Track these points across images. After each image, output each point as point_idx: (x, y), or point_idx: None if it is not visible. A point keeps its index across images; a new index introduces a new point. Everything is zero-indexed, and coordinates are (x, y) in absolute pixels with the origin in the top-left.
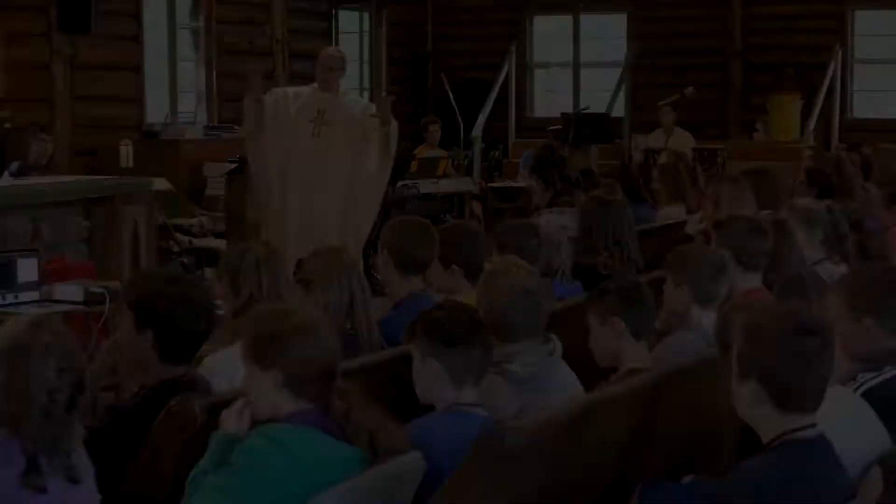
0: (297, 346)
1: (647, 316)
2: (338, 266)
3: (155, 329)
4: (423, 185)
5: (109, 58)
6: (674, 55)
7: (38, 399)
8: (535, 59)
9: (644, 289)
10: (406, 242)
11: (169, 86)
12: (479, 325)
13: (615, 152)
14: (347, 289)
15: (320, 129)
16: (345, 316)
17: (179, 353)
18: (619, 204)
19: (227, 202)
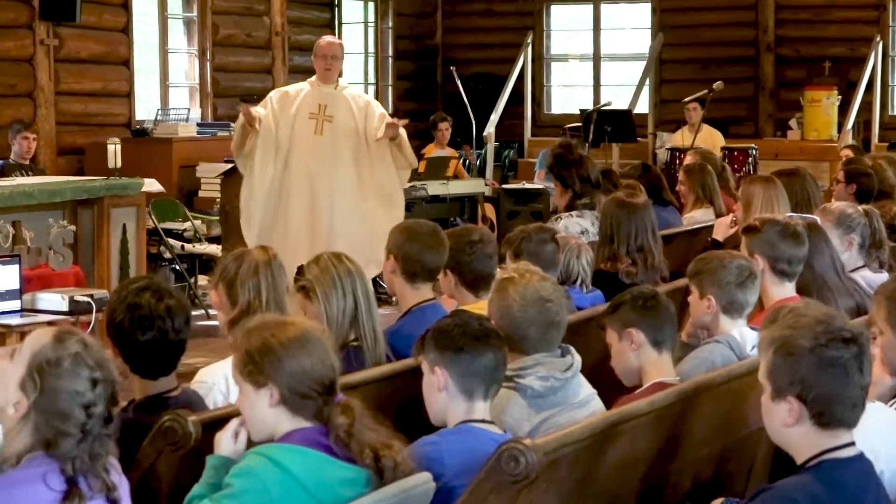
0: (293, 360)
1: (666, 325)
2: (340, 272)
3: (113, 340)
4: (431, 187)
5: (96, 50)
6: (701, 47)
7: (75, 416)
8: (553, 51)
9: (660, 297)
10: (413, 248)
11: (160, 80)
12: (491, 332)
13: (638, 151)
14: (351, 296)
15: (323, 126)
16: (348, 325)
17: (145, 368)
18: (642, 207)
19: (223, 204)
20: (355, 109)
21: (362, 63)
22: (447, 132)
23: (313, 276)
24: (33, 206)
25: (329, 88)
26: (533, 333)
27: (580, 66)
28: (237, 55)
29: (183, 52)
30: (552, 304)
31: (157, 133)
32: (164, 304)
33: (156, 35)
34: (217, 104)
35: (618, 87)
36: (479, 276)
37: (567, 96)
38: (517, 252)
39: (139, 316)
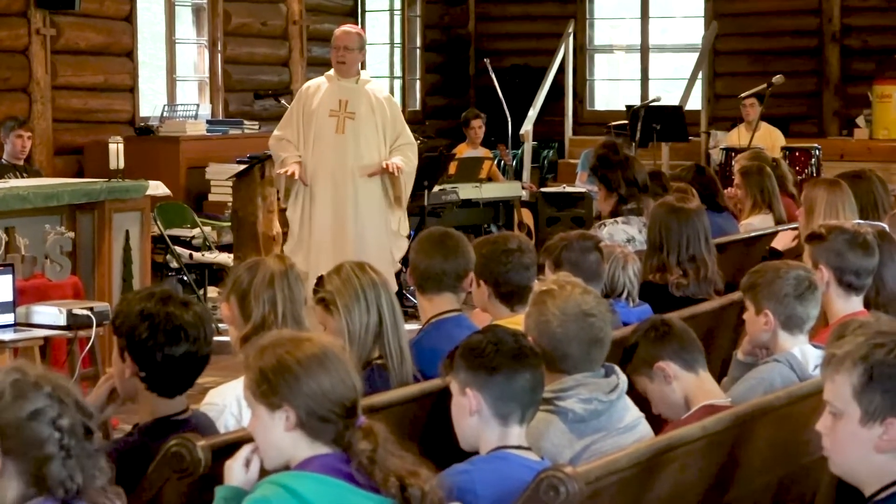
0: (311, 380)
1: (688, 344)
2: (364, 284)
3: (136, 357)
4: (463, 191)
5: (97, 40)
6: (760, 38)
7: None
8: (596, 41)
9: (670, 319)
10: (418, 257)
11: (166, 73)
12: (527, 350)
13: (690, 152)
14: (375, 310)
15: (344, 123)
16: (372, 342)
17: (168, 385)
18: (694, 212)
19: (235, 209)
20: (375, 104)
21: (387, 55)
22: (480, 130)
23: (334, 287)
24: (28, 210)
25: (349, 83)
26: (574, 351)
27: (626, 57)
28: (251, 46)
29: (192, 43)
30: (595, 320)
31: (163, 131)
32: (192, 311)
33: (162, 24)
34: (229, 99)
35: (667, 80)
36: (515, 289)
37: (612, 91)
38: (557, 262)
39: (172, 327)
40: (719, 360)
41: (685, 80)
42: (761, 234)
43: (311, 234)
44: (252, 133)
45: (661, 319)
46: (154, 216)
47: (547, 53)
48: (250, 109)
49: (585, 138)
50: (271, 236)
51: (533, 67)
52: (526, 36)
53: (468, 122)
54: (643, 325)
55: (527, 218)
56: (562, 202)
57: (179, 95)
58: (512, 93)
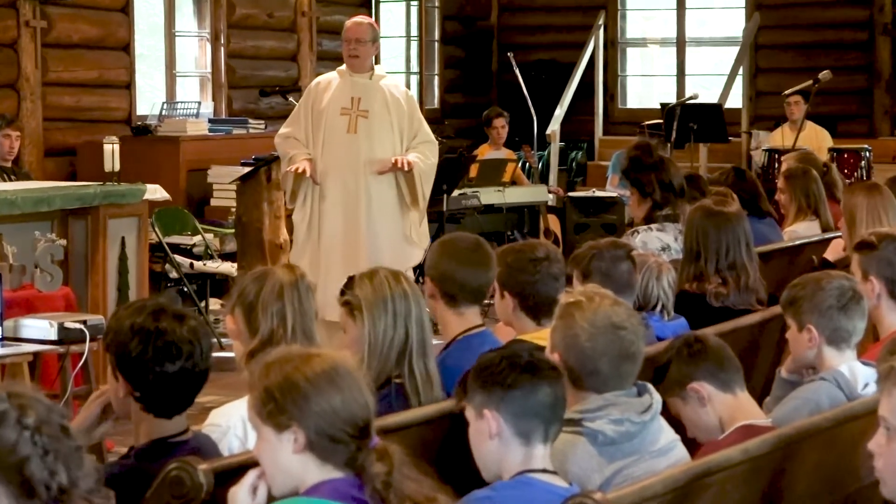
0: (321, 398)
1: (724, 362)
2: (395, 295)
3: (128, 376)
4: (484, 195)
5: (91, 33)
6: (805, 30)
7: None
8: (629, 34)
9: (703, 336)
10: (450, 266)
11: (166, 68)
12: (543, 363)
13: (730, 153)
14: (403, 326)
15: (356, 122)
16: (395, 359)
17: (164, 405)
18: (734, 217)
19: (239, 215)
20: (390, 101)
21: (403, 49)
22: (503, 130)
23: (364, 293)
24: (16, 216)
25: (363, 78)
26: (604, 368)
27: (661, 52)
28: (256, 39)
29: (193, 36)
30: (626, 333)
31: (161, 131)
32: (187, 326)
33: (161, 15)
34: (232, 96)
35: (706, 77)
36: (542, 301)
37: (646, 88)
38: (586, 272)
39: (164, 343)
40: (761, 378)
41: (724, 75)
42: (806, 243)
43: (319, 241)
44: (257, 133)
45: (693, 336)
46: (152, 222)
47: (575, 47)
48: (256, 107)
49: (617, 139)
50: (278, 244)
51: (560, 62)
52: (553, 28)
53: (490, 121)
54: (675, 342)
55: (553, 224)
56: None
57: (179, 92)
58: (538, 90)
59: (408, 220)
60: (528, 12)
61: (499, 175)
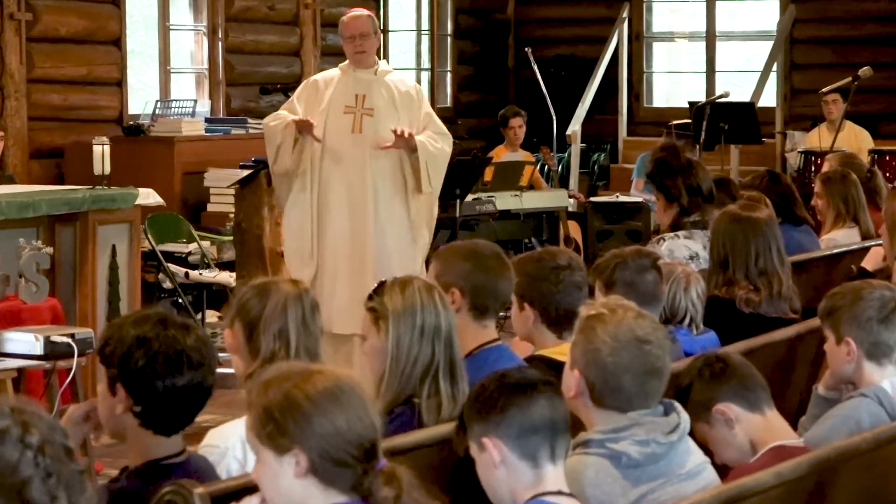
0: (324, 418)
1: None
2: (427, 310)
3: (131, 389)
4: (500, 200)
5: (79, 26)
6: (844, 23)
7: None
8: (655, 28)
9: (727, 355)
10: (484, 277)
11: (159, 64)
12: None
13: (763, 155)
14: (429, 344)
15: (361, 121)
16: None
17: (166, 421)
18: (764, 222)
19: (238, 222)
20: (397, 97)
21: (413, 43)
22: (521, 130)
23: (392, 303)
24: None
25: (367, 74)
26: (628, 384)
27: (689, 46)
28: (257, 33)
29: (188, 29)
30: (651, 347)
31: (155, 131)
32: (193, 335)
33: (154, 7)
34: (231, 94)
35: (737, 73)
36: (564, 312)
37: (673, 85)
38: (609, 282)
39: (174, 354)
40: (797, 395)
41: (757, 72)
42: (845, 251)
43: (322, 249)
44: (257, 133)
45: (714, 356)
46: (144, 229)
47: (598, 42)
48: (256, 106)
49: (642, 140)
50: (279, 252)
51: (581, 58)
52: (573, 21)
53: (506, 120)
54: (695, 363)
55: (574, 231)
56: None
57: (174, 90)
58: (557, 87)
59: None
60: (547, 4)
61: (515, 179)
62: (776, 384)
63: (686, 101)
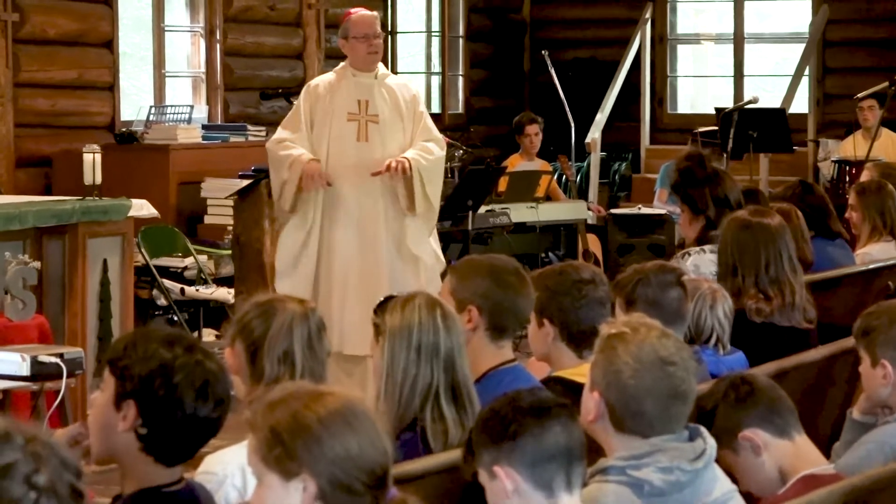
0: (335, 441)
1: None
2: (426, 328)
3: (144, 410)
4: (515, 212)
5: (69, 27)
6: (881, 24)
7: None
8: (679, 29)
9: (753, 377)
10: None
11: (154, 68)
12: (549, 401)
13: (794, 165)
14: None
15: (367, 129)
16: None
17: (173, 450)
18: (774, 229)
19: (237, 234)
20: (402, 104)
21: (423, 46)
22: (537, 138)
23: (391, 320)
24: None
25: (368, 78)
26: (650, 408)
27: (716, 49)
28: (257, 35)
29: (184, 31)
30: (675, 369)
31: (149, 138)
32: (214, 361)
33: (148, 7)
34: (229, 100)
35: (767, 78)
36: (586, 329)
37: (699, 90)
38: (631, 299)
39: (201, 384)
40: (830, 419)
41: (788, 76)
42: (881, 267)
43: (331, 267)
44: (257, 141)
45: (740, 377)
46: (138, 242)
47: (619, 44)
48: (256, 112)
49: (666, 148)
50: None
51: (602, 61)
52: (593, 22)
53: (522, 127)
54: (719, 386)
55: (594, 245)
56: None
57: (169, 95)
58: (576, 92)
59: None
60: (565, 4)
61: (531, 189)
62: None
63: (712, 107)
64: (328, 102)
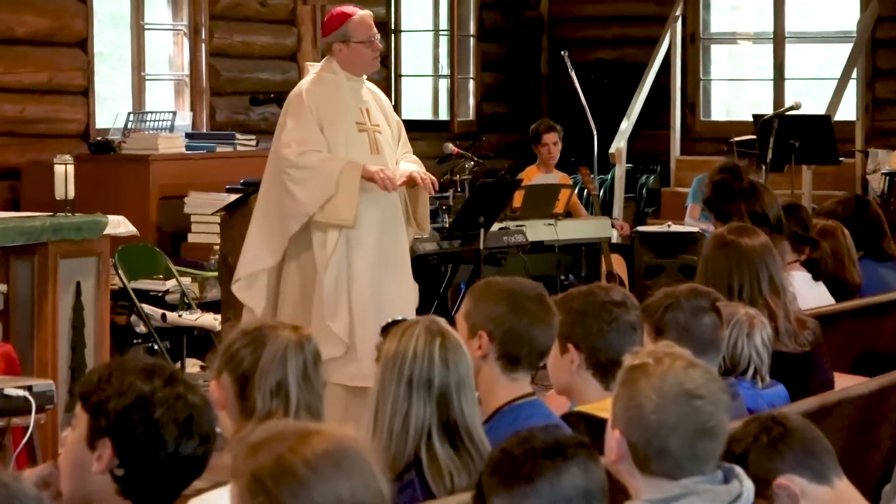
0: (325, 486)
1: (815, 450)
2: (421, 358)
3: (120, 449)
4: (532, 229)
5: (39, 25)
6: None
7: None
8: (713, 28)
9: (786, 418)
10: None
11: (132, 70)
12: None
13: (840, 178)
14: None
15: (375, 140)
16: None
17: (153, 493)
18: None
19: (224, 254)
20: (387, 111)
21: (430, 46)
22: (556, 148)
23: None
24: None
25: (357, 82)
26: (675, 446)
27: (754, 50)
28: (246, 33)
29: (166, 29)
30: (703, 403)
31: (127, 148)
32: (198, 394)
33: (127, 3)
34: (216, 105)
35: (810, 81)
36: (615, 356)
37: (735, 96)
38: (660, 326)
39: (183, 420)
40: (879, 460)
41: (834, 80)
42: None
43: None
44: (247, 151)
45: (771, 418)
46: (114, 263)
47: (647, 44)
48: (245, 119)
49: (698, 159)
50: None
51: (627, 63)
52: (618, 20)
53: (539, 136)
54: (749, 428)
55: (618, 266)
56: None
57: (149, 100)
58: (599, 97)
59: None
60: (587, 0)
61: (549, 205)
62: (854, 447)
63: (750, 113)
64: (332, 112)
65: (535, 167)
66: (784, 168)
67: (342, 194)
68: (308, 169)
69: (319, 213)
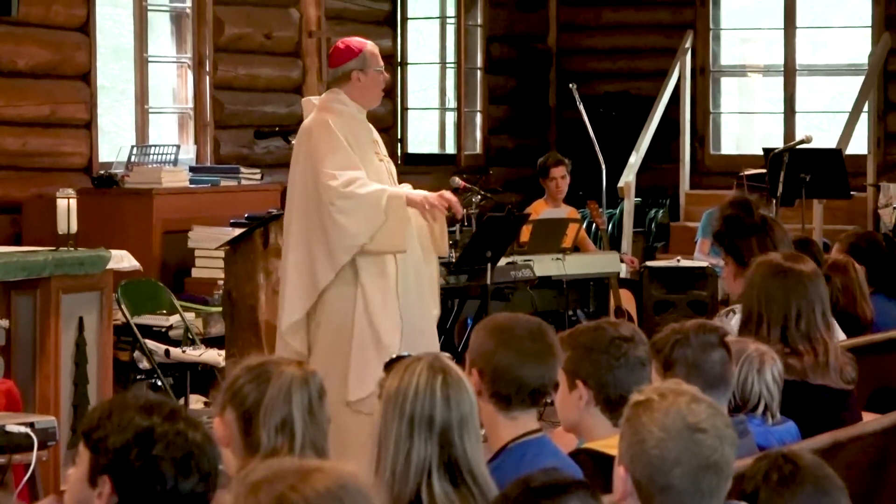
0: None
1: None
2: (422, 396)
3: (120, 486)
4: (539, 264)
5: (42, 58)
6: None
7: None
8: (723, 60)
9: (797, 456)
10: (508, 357)
11: (136, 103)
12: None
13: (852, 212)
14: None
15: (388, 170)
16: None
17: None
18: (807, 276)
19: (228, 290)
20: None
21: (437, 79)
22: (564, 182)
23: (390, 385)
24: None
25: (363, 114)
26: (678, 481)
27: (764, 82)
28: (251, 66)
29: (170, 62)
30: (705, 437)
31: (130, 182)
32: (200, 431)
33: (130, 36)
34: (220, 139)
35: (821, 115)
36: (625, 392)
37: (745, 128)
38: (668, 362)
39: (182, 456)
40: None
41: (846, 113)
42: None
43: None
44: (251, 185)
45: (781, 455)
46: (118, 298)
47: (656, 77)
48: (249, 153)
49: (708, 193)
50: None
51: (636, 96)
52: (627, 52)
53: (547, 170)
54: (760, 465)
55: (627, 302)
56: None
57: (153, 133)
58: (607, 130)
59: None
60: (596, 33)
61: (557, 239)
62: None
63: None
64: (356, 143)
65: (542, 201)
66: (795, 202)
67: (392, 221)
68: (354, 198)
69: (370, 242)
